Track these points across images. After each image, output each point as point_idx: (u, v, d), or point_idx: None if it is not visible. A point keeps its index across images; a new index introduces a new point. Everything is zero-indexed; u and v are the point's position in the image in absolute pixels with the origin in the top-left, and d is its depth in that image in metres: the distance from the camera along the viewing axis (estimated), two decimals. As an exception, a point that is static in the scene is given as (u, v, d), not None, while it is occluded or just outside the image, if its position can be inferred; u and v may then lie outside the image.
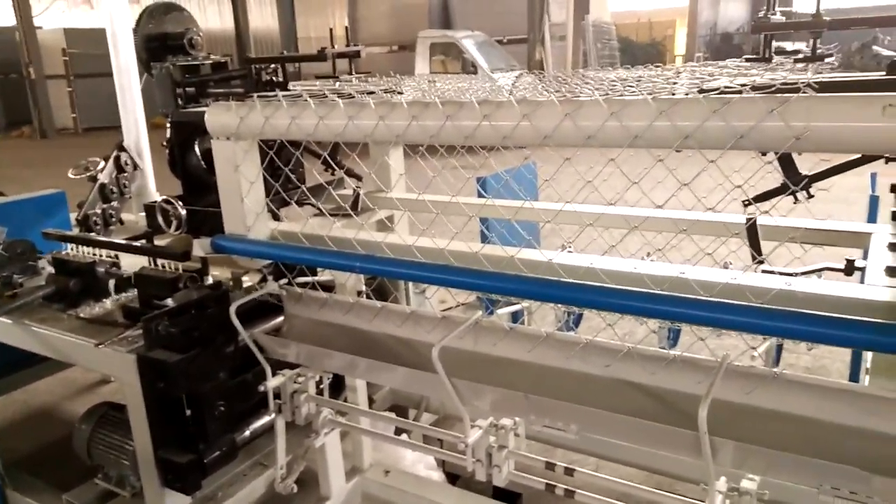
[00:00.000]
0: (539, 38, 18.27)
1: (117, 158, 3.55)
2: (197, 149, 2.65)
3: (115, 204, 3.44)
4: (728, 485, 1.54)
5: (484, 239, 3.26)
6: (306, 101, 2.01)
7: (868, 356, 2.72)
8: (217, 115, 2.19)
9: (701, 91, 1.48)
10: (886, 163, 1.66)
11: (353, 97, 2.05)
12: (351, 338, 2.18)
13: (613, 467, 2.42)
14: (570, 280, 1.61)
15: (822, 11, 1.65)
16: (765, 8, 1.60)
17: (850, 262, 1.74)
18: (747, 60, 1.68)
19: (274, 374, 2.23)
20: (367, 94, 2.19)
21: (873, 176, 3.41)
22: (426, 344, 2.00)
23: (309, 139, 2.06)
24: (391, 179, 2.93)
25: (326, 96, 2.09)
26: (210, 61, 2.80)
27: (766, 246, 1.90)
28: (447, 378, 1.75)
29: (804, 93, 1.34)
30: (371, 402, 2.67)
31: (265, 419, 2.44)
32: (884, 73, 1.57)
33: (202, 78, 2.74)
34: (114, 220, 3.43)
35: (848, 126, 1.30)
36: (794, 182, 1.68)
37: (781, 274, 1.83)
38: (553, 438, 1.72)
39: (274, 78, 2.53)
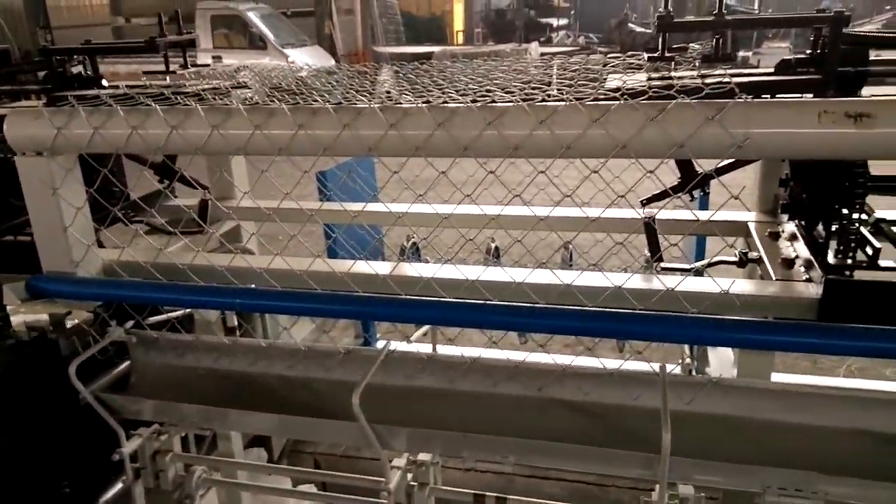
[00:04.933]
0: (327, 11, 17.72)
1: None
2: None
3: None
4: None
5: (330, 242, 3.01)
6: (148, 104, 1.63)
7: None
8: (20, 125, 1.71)
9: (623, 93, 1.39)
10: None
11: (205, 99, 1.71)
12: (225, 383, 1.85)
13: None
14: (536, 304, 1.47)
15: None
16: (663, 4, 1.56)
17: (743, 255, 1.79)
18: (650, 60, 1.64)
19: (129, 435, 1.85)
20: (213, 92, 1.86)
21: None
22: (328, 382, 1.75)
23: (156, 154, 1.69)
24: (233, 185, 2.56)
25: (168, 97, 1.72)
26: (-15, 50, 2.20)
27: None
28: (368, 425, 1.53)
29: (739, 97, 1.31)
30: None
31: (120, 486, 2.01)
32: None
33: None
34: None
35: (786, 132, 1.30)
36: (691, 180, 1.67)
37: (680, 271, 1.86)
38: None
39: (84, 73, 2.05)
